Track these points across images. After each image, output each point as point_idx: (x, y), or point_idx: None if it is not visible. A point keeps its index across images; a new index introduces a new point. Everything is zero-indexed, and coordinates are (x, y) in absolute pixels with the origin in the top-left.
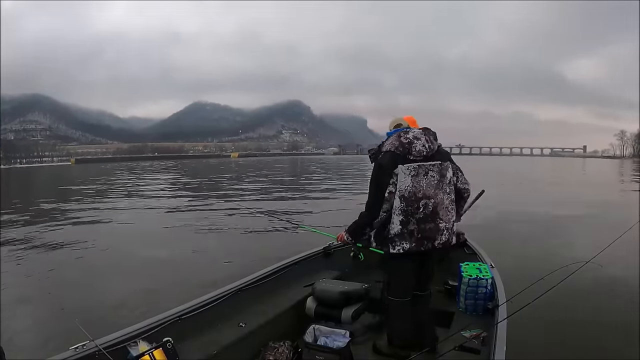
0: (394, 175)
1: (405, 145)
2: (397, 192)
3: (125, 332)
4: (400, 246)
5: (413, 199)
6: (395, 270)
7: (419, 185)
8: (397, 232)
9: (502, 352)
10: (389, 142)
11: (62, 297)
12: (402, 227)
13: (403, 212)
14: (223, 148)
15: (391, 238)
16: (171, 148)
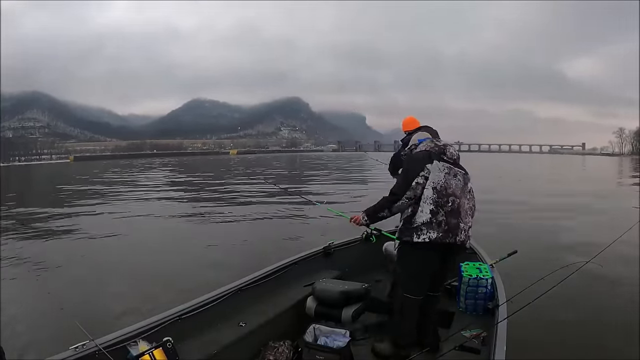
0: (426, 169)
1: (440, 147)
2: (430, 183)
3: (125, 332)
4: (426, 235)
5: (444, 193)
6: (414, 263)
7: (449, 183)
8: (426, 221)
9: (502, 352)
10: (424, 145)
11: (61, 297)
12: (432, 216)
13: (434, 203)
14: (222, 145)
15: (417, 227)
16: (170, 145)
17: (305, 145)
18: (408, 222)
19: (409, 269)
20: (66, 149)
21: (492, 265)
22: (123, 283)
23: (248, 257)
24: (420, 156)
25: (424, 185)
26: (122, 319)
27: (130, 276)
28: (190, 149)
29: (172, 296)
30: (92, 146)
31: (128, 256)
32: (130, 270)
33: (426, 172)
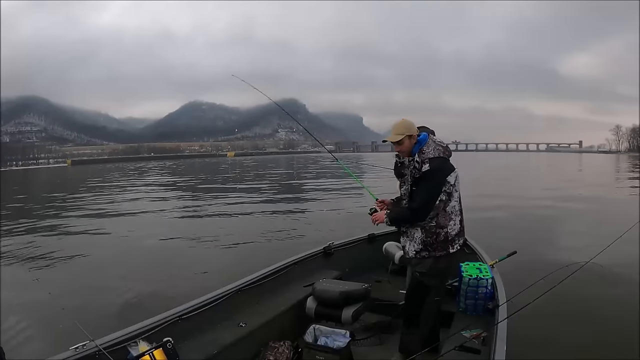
0: (447, 184)
1: (448, 149)
2: (455, 195)
3: (126, 332)
4: (458, 243)
5: (461, 199)
6: (450, 270)
7: (458, 190)
8: (458, 231)
9: (502, 352)
10: (432, 148)
11: (62, 297)
12: (461, 225)
13: (461, 213)
14: (219, 147)
15: (452, 239)
16: (167, 148)
17: (302, 146)
18: (436, 235)
19: (445, 277)
20: (63, 153)
21: (492, 265)
22: (124, 283)
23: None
24: (446, 168)
25: (447, 201)
26: (122, 317)
27: (132, 274)
28: (187, 152)
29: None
30: (90, 150)
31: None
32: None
33: (448, 187)
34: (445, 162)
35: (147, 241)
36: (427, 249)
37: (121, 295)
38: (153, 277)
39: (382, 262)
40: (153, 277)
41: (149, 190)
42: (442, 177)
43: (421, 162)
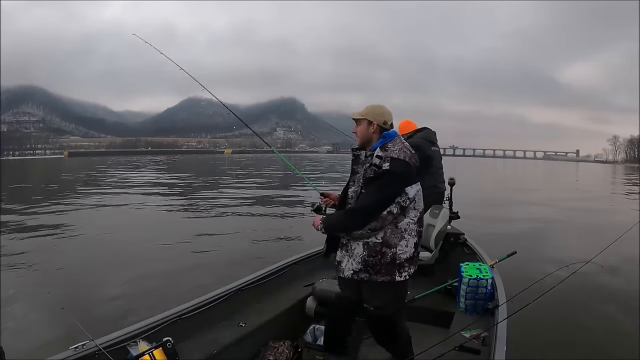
0: (404, 194)
1: (415, 157)
2: (414, 213)
3: (125, 332)
4: (407, 271)
5: (422, 219)
6: (400, 302)
7: (420, 205)
8: (410, 257)
9: (502, 352)
10: (398, 147)
11: (61, 297)
12: (414, 250)
13: (418, 234)
14: (217, 144)
15: (401, 264)
16: (165, 143)
17: (300, 146)
18: (382, 254)
19: (403, 300)
20: (60, 144)
21: (492, 265)
22: (124, 282)
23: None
24: (407, 174)
25: (399, 215)
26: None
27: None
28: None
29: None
30: (87, 142)
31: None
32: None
33: (404, 199)
34: (410, 169)
35: (126, 236)
36: (368, 270)
37: (122, 293)
38: (148, 275)
39: None
40: (148, 275)
41: (138, 186)
42: (400, 184)
43: (382, 159)
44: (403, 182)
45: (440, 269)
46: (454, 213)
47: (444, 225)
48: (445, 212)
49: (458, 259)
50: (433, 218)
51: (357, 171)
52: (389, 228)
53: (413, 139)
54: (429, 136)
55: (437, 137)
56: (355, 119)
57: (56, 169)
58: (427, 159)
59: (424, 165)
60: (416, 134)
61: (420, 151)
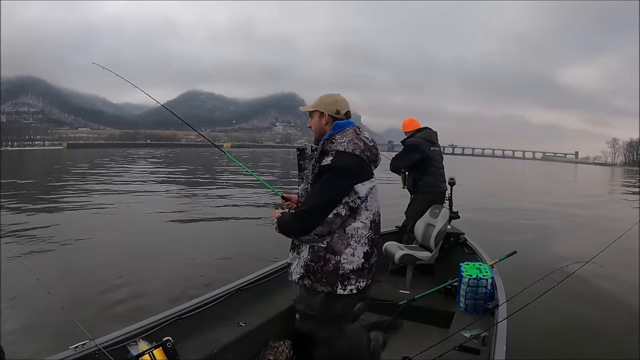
0: (353, 193)
1: (372, 150)
2: (366, 215)
3: (125, 332)
4: (354, 285)
5: (378, 225)
6: (336, 318)
7: (373, 205)
8: (357, 267)
9: (502, 352)
10: (347, 139)
11: (61, 296)
12: (365, 260)
13: (370, 242)
14: (216, 138)
15: (345, 275)
16: (164, 136)
17: (299, 141)
18: (324, 261)
19: (340, 325)
20: (59, 135)
21: (492, 265)
22: (125, 281)
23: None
24: (354, 168)
25: (348, 218)
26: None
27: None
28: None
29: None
30: (86, 134)
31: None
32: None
33: (353, 198)
34: (360, 163)
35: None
36: (310, 277)
37: (122, 292)
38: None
39: (382, 262)
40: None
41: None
42: (345, 181)
43: (324, 153)
44: (349, 178)
45: (440, 268)
46: (454, 213)
47: (444, 225)
48: (445, 212)
49: (458, 259)
50: (433, 218)
51: (304, 167)
52: (335, 232)
53: (413, 139)
54: (429, 136)
55: (438, 137)
56: (309, 112)
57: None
58: (426, 158)
59: (423, 165)
60: (417, 133)
61: (420, 151)
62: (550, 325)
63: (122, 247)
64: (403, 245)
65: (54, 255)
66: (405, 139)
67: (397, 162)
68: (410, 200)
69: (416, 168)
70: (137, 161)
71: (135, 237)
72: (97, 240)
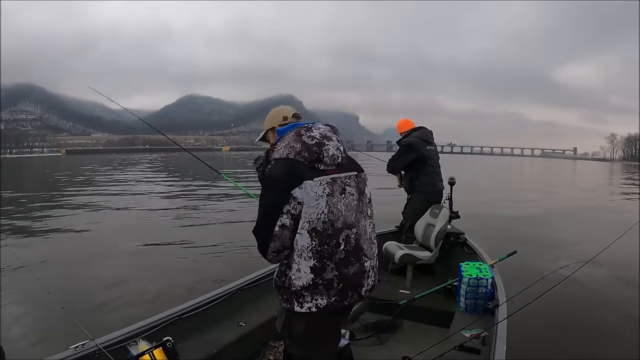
0: (292, 200)
1: (312, 149)
2: (304, 224)
3: (126, 332)
4: (311, 303)
5: (330, 233)
6: (305, 339)
7: (336, 210)
8: (307, 284)
9: (502, 352)
10: (284, 144)
11: (61, 296)
12: (316, 275)
13: (316, 254)
14: (214, 141)
15: (297, 291)
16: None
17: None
18: (284, 277)
19: (310, 346)
20: (58, 142)
21: (492, 265)
22: (124, 280)
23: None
24: (279, 174)
25: (293, 227)
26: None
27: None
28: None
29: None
30: (84, 140)
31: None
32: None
33: (293, 205)
34: (293, 166)
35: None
36: (278, 292)
37: (122, 292)
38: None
39: (382, 262)
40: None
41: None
42: (279, 189)
43: (268, 163)
44: (282, 185)
45: (440, 268)
46: (454, 213)
47: (444, 225)
48: (445, 211)
49: (458, 259)
50: (433, 218)
51: None
52: (289, 246)
53: (408, 138)
54: (424, 135)
55: (433, 136)
56: (260, 140)
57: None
58: (422, 158)
59: (419, 165)
60: (412, 133)
61: (415, 150)
62: (550, 326)
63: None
64: (403, 245)
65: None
66: (400, 139)
67: (394, 164)
68: (407, 200)
69: (412, 168)
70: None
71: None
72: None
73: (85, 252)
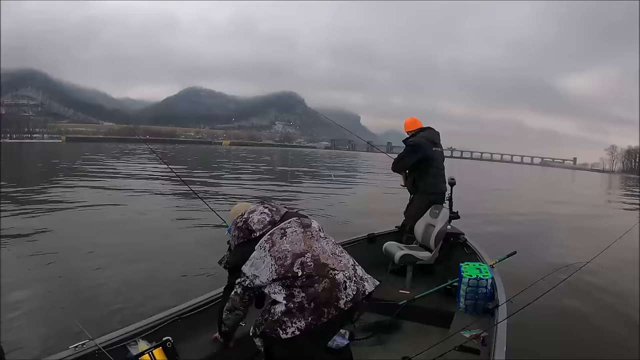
0: (244, 275)
1: (242, 228)
2: (264, 280)
3: (125, 331)
4: (294, 327)
5: (285, 268)
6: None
7: (281, 251)
8: (284, 311)
9: (502, 352)
10: (233, 235)
11: (61, 296)
12: (288, 301)
13: (284, 287)
14: (215, 135)
15: (278, 319)
16: (163, 132)
17: (298, 140)
18: (265, 314)
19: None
20: (59, 129)
21: (492, 265)
22: (126, 279)
23: None
24: (236, 261)
25: (256, 285)
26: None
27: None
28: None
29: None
30: (85, 128)
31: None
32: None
33: (251, 272)
34: (244, 250)
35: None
36: (256, 329)
37: (123, 291)
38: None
39: (382, 262)
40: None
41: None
42: (235, 273)
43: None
44: (234, 263)
45: (440, 269)
46: (454, 213)
47: (444, 225)
48: (445, 212)
49: (458, 259)
50: (433, 218)
51: None
52: None
53: (415, 138)
54: (431, 136)
55: (440, 138)
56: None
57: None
58: (427, 159)
59: (424, 166)
60: (419, 133)
61: (422, 151)
62: (550, 326)
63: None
64: (403, 245)
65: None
66: (407, 138)
67: (399, 164)
68: (409, 200)
69: (416, 169)
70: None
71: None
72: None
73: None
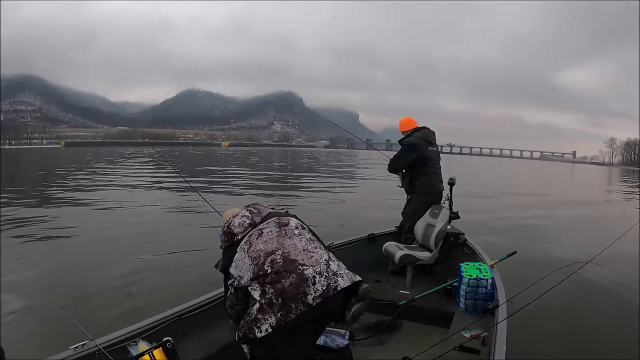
0: (232, 276)
1: (227, 232)
2: (248, 281)
3: (125, 332)
4: (266, 323)
5: (258, 266)
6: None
7: (256, 250)
8: (258, 307)
9: (502, 352)
10: (222, 240)
11: (61, 296)
12: (261, 298)
13: (259, 285)
14: (214, 136)
15: (255, 318)
16: (161, 134)
17: (297, 140)
18: (246, 317)
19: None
20: (57, 134)
21: (492, 265)
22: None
23: None
24: (226, 266)
25: (243, 285)
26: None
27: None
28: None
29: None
30: (84, 132)
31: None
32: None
33: (237, 273)
34: (229, 253)
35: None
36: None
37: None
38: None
39: (382, 262)
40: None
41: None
42: (227, 275)
43: None
44: (223, 266)
45: (440, 269)
46: (454, 213)
47: (444, 225)
48: (445, 212)
49: (458, 259)
50: (433, 218)
51: None
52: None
53: (410, 138)
54: (426, 136)
55: (435, 137)
56: None
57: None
58: (423, 158)
59: (420, 165)
60: (414, 133)
61: (417, 150)
62: (550, 326)
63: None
64: (403, 246)
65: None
66: (402, 138)
67: (395, 164)
68: (406, 200)
69: (413, 168)
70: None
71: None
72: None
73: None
